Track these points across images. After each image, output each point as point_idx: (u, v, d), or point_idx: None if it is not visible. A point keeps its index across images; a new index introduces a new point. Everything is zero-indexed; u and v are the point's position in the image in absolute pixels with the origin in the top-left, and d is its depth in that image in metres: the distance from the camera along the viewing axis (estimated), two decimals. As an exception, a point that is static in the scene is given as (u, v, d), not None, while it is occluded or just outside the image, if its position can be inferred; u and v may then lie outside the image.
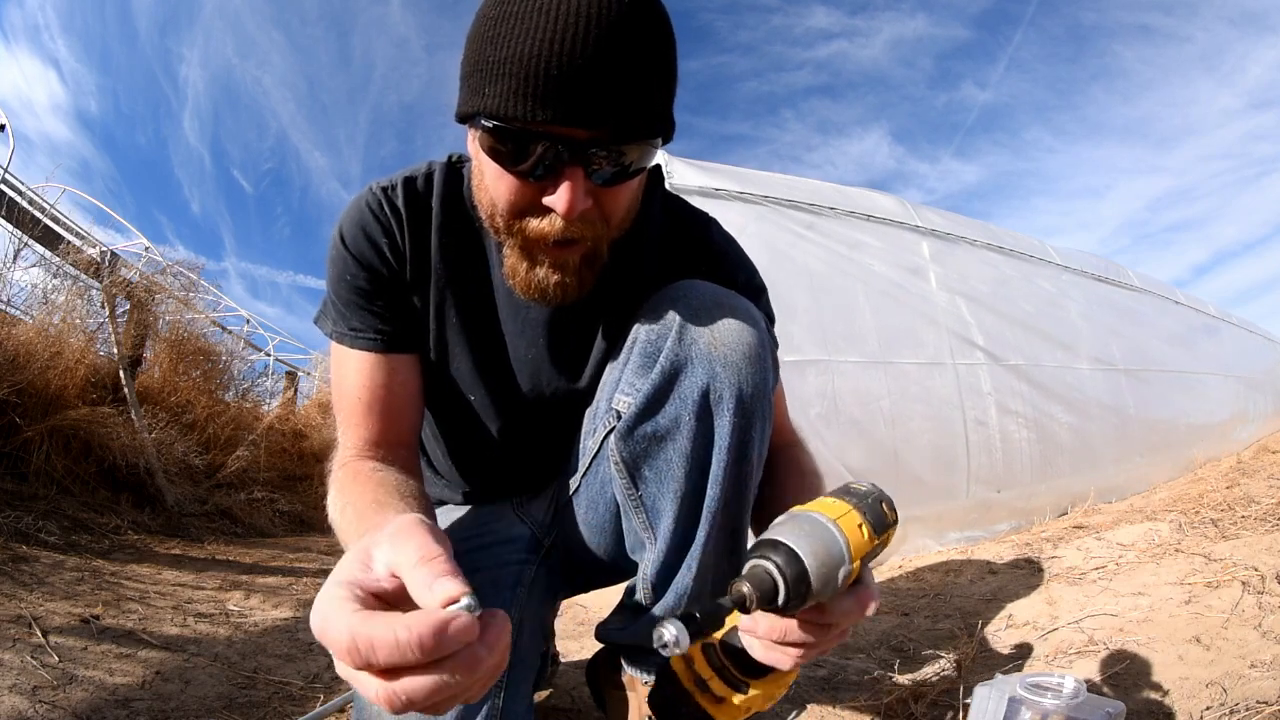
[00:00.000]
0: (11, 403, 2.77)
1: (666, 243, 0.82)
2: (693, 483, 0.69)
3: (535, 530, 0.90)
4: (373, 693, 0.37)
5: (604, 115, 0.56)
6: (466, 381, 0.81)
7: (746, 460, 0.69)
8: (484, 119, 0.57)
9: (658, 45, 0.58)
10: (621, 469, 0.72)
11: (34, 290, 3.72)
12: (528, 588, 0.84)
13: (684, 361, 0.67)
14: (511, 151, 0.58)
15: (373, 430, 0.76)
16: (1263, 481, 2.74)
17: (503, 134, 0.57)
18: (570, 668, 1.41)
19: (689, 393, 0.67)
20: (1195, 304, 5.36)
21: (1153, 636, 1.18)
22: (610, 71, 0.54)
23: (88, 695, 1.16)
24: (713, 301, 0.70)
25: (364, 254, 0.75)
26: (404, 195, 0.76)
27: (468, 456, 0.91)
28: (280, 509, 4.08)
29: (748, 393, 0.67)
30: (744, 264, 0.86)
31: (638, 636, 0.82)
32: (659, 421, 0.69)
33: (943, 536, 2.68)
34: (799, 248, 2.77)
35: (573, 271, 0.66)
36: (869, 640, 1.54)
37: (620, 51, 0.54)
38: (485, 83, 0.56)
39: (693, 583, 0.73)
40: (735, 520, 0.72)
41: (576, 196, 0.58)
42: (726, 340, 0.67)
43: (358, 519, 0.61)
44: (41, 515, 2.41)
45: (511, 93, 0.55)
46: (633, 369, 0.70)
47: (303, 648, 1.63)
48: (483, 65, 0.56)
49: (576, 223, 0.61)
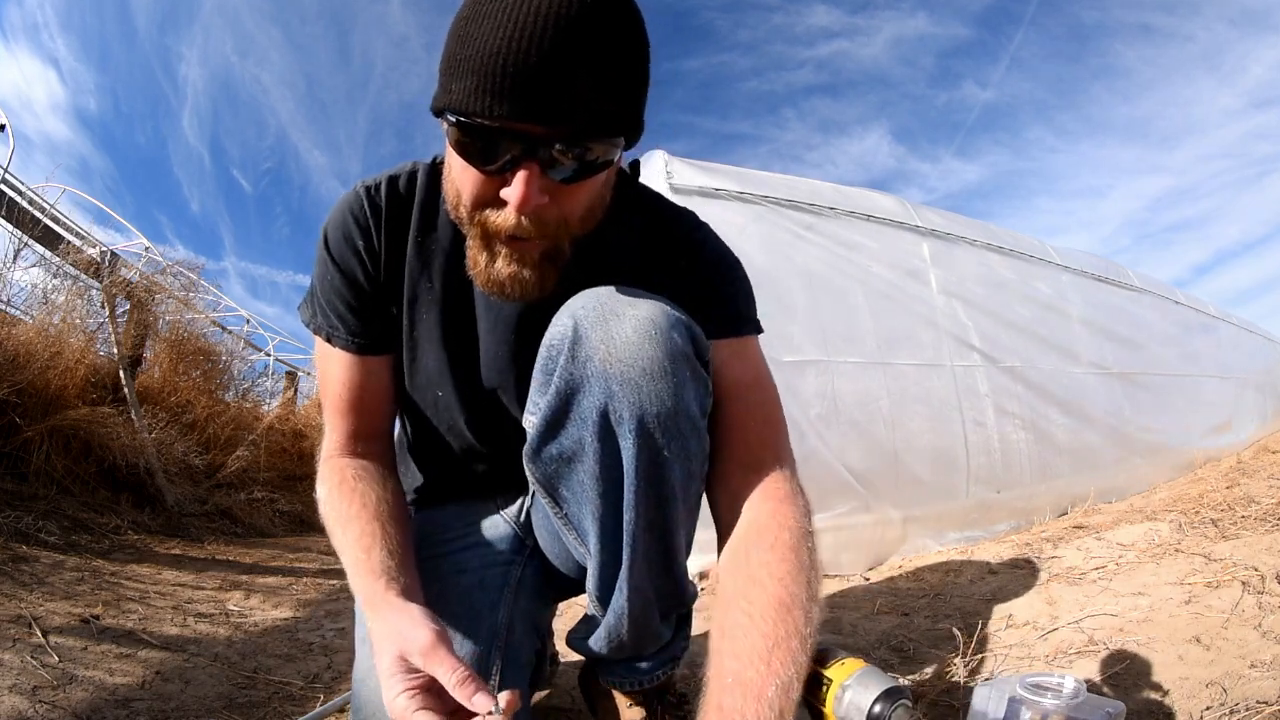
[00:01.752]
0: (11, 403, 2.77)
1: (646, 241, 0.81)
2: (610, 504, 0.67)
3: (518, 529, 0.90)
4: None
5: (559, 112, 0.56)
6: (435, 377, 0.82)
7: (663, 482, 0.65)
8: (450, 114, 0.59)
9: (621, 44, 0.58)
10: (540, 490, 0.72)
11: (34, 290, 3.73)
12: (514, 589, 0.84)
13: (579, 380, 0.63)
14: (473, 145, 0.60)
15: (351, 424, 0.81)
16: (1263, 481, 2.74)
17: (465, 129, 0.59)
18: (570, 667, 1.41)
19: (588, 414, 0.63)
20: (1195, 304, 5.36)
21: (1153, 636, 1.18)
22: (567, 69, 0.55)
23: (88, 695, 1.16)
24: (612, 310, 0.65)
25: (343, 258, 0.78)
26: (386, 193, 0.78)
27: (433, 451, 0.91)
28: (280, 509, 4.08)
29: (651, 412, 0.62)
30: (725, 261, 0.83)
31: (594, 648, 0.82)
32: (563, 443, 0.66)
33: (943, 536, 2.68)
34: (798, 248, 2.77)
35: (532, 265, 0.66)
36: (869, 640, 1.54)
37: (579, 49, 0.55)
38: (452, 79, 0.58)
39: (627, 604, 0.73)
40: (665, 541, 0.70)
41: (530, 191, 0.59)
42: (623, 355, 0.62)
43: (355, 568, 0.69)
44: (41, 515, 2.42)
45: (474, 89, 0.56)
46: (537, 385, 0.68)
47: (303, 648, 1.63)
48: (451, 63, 0.58)
49: (532, 218, 0.61)
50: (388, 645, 0.58)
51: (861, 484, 2.53)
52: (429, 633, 0.58)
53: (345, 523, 0.73)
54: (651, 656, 0.85)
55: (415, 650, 0.57)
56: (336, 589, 2.42)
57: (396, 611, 0.61)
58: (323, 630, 1.82)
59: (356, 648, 0.80)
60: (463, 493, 0.93)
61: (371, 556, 0.68)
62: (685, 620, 0.89)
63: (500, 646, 0.78)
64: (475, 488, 0.93)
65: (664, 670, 0.88)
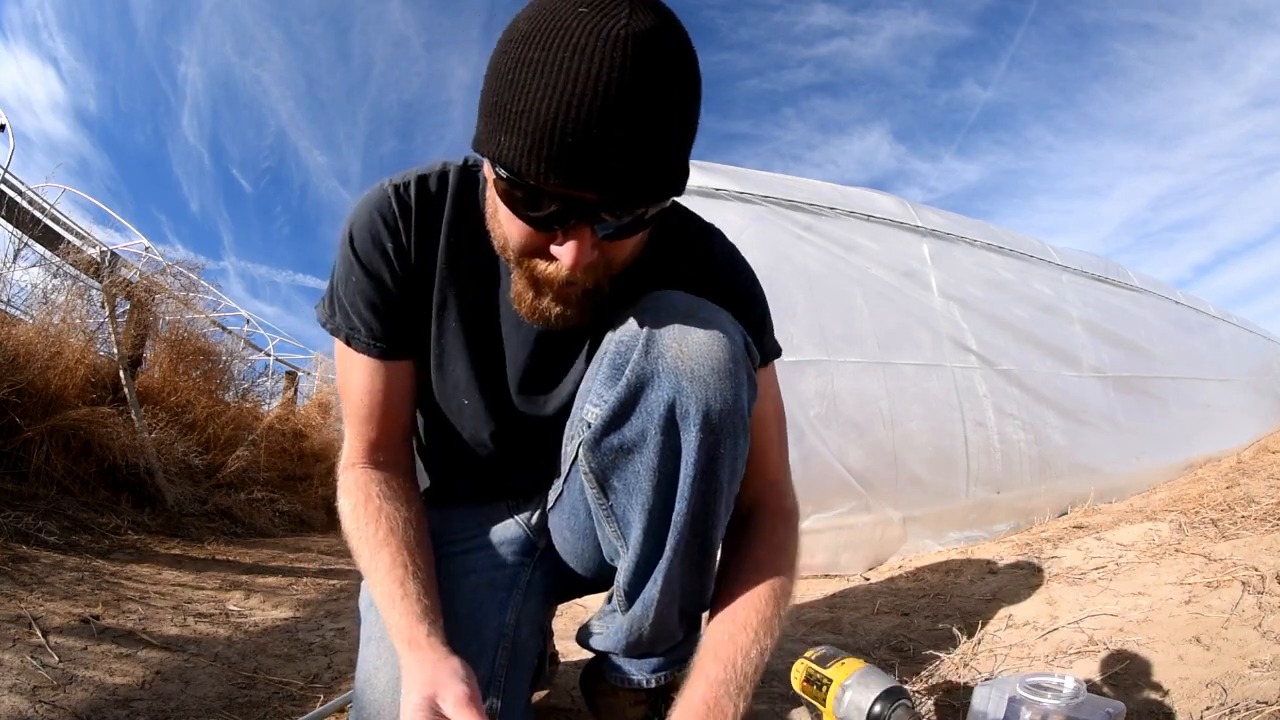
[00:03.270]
0: (11, 403, 2.77)
1: (665, 252, 0.81)
2: (661, 496, 0.69)
3: (529, 532, 0.91)
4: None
5: (615, 182, 0.55)
6: (462, 385, 0.81)
7: (715, 477, 0.69)
8: (499, 167, 0.57)
9: (677, 104, 0.56)
10: (591, 479, 0.73)
11: (34, 290, 3.72)
12: (523, 590, 0.85)
13: (650, 375, 0.67)
14: (524, 200, 0.59)
15: (373, 432, 0.80)
16: (1263, 481, 2.74)
17: (515, 184, 0.58)
18: (570, 667, 1.41)
19: (655, 407, 0.67)
20: (1195, 304, 5.36)
21: (1153, 636, 1.18)
22: (623, 140, 0.53)
23: (88, 695, 1.16)
24: (684, 313, 0.69)
25: (370, 260, 0.76)
26: (416, 193, 0.77)
27: (448, 456, 0.90)
28: (280, 509, 4.08)
29: (715, 409, 0.66)
30: (743, 275, 0.85)
31: (608, 644, 0.83)
32: (625, 434, 0.69)
33: (943, 536, 2.68)
34: (798, 248, 2.77)
35: (576, 303, 0.67)
36: (869, 640, 1.54)
37: (635, 118, 0.53)
38: (501, 131, 0.56)
39: (659, 595, 0.74)
40: (704, 535, 0.72)
41: (583, 253, 0.60)
42: (694, 354, 0.66)
43: (391, 603, 0.71)
44: (41, 515, 2.41)
45: (526, 150, 0.54)
46: (602, 380, 0.71)
47: (303, 648, 1.63)
48: (499, 111, 0.55)
49: (581, 272, 0.63)
50: (421, 687, 0.62)
51: (861, 484, 2.53)
52: (465, 688, 0.62)
53: (374, 548, 0.74)
54: (662, 655, 0.85)
55: (449, 699, 0.60)
56: (336, 589, 2.42)
57: (438, 660, 0.65)
58: (323, 630, 1.82)
59: (359, 649, 0.80)
60: (473, 495, 0.94)
61: (407, 591, 0.71)
62: (696, 624, 0.90)
63: (507, 648, 0.79)
64: (486, 491, 0.93)
65: (671, 670, 0.88)
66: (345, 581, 2.54)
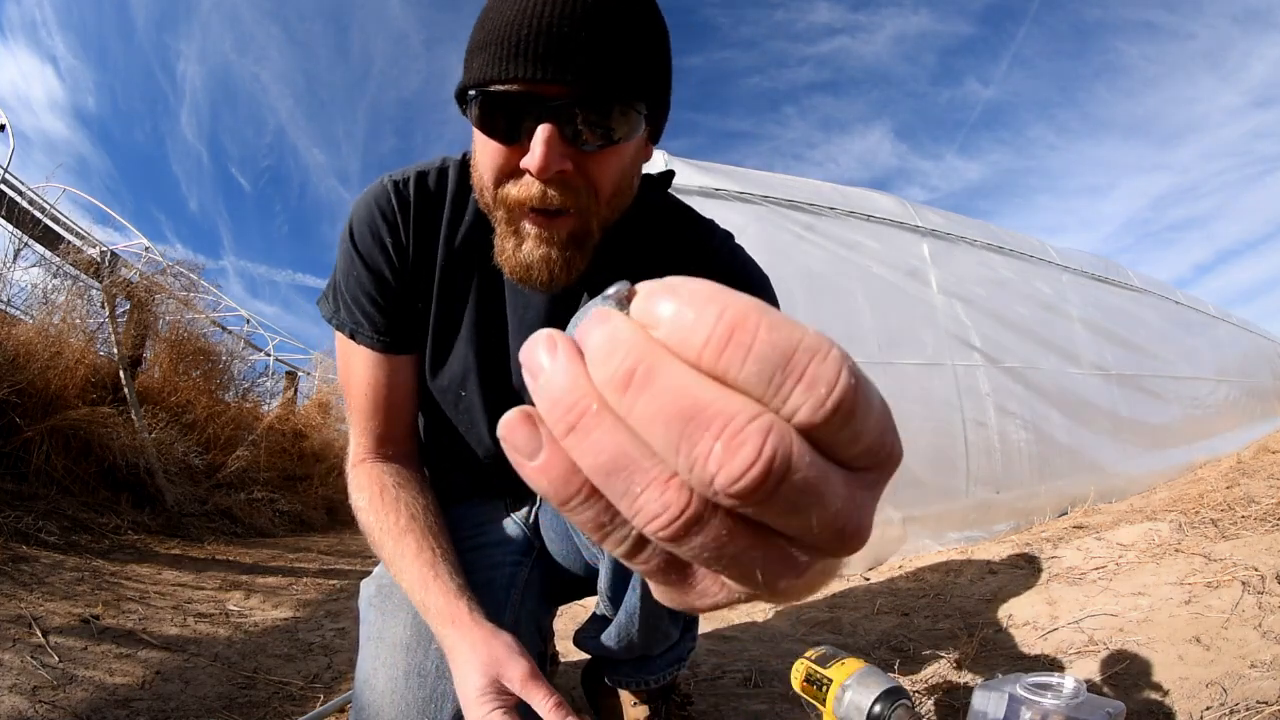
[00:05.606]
0: (11, 403, 2.77)
1: (674, 249, 0.80)
2: None
3: (527, 532, 0.90)
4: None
5: (575, 71, 0.56)
6: (460, 379, 0.81)
7: None
8: (470, 90, 0.60)
9: (638, 16, 0.60)
10: None
11: (34, 290, 3.72)
12: (521, 590, 0.84)
13: None
14: (491, 116, 0.60)
15: (379, 426, 0.80)
16: (1263, 481, 2.74)
17: (484, 102, 0.59)
18: (570, 668, 1.41)
19: None
20: (1195, 303, 5.36)
21: (1153, 636, 1.18)
22: (583, 32, 0.56)
23: (88, 695, 1.16)
24: None
25: (370, 253, 0.76)
26: (415, 188, 0.77)
27: (445, 451, 0.90)
28: (280, 509, 4.08)
29: None
30: (754, 272, 0.84)
31: (602, 648, 0.82)
32: None
33: (943, 536, 2.68)
34: (799, 248, 2.77)
35: (559, 246, 0.64)
36: (869, 640, 1.54)
37: (594, 15, 0.56)
38: (473, 59, 0.60)
39: (640, 602, 0.73)
40: None
41: (549, 152, 0.58)
42: None
43: (425, 585, 0.70)
44: (41, 515, 2.41)
45: (491, 58, 0.57)
46: None
47: (303, 648, 1.63)
48: (472, 47, 0.60)
49: (557, 185, 0.60)
50: (479, 666, 0.62)
51: (861, 484, 2.53)
52: (527, 662, 0.63)
53: (398, 537, 0.74)
54: (659, 655, 0.85)
55: (514, 678, 0.61)
56: (336, 589, 2.42)
57: (489, 636, 0.65)
58: (323, 630, 1.82)
59: (359, 649, 0.80)
60: (471, 493, 0.93)
61: (439, 573, 0.71)
62: (693, 621, 0.89)
63: None
64: (484, 489, 0.93)
65: (671, 670, 0.88)
66: (345, 581, 2.54)
